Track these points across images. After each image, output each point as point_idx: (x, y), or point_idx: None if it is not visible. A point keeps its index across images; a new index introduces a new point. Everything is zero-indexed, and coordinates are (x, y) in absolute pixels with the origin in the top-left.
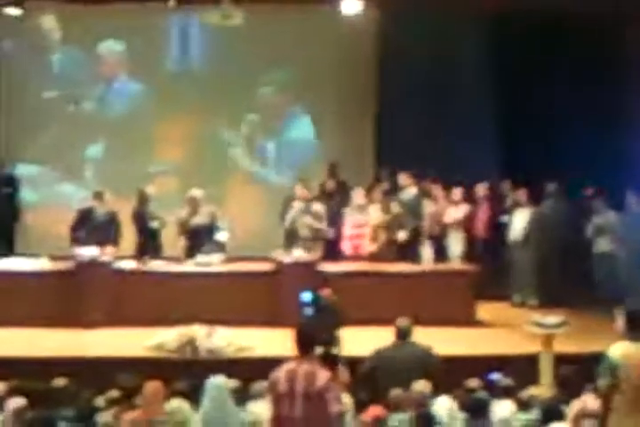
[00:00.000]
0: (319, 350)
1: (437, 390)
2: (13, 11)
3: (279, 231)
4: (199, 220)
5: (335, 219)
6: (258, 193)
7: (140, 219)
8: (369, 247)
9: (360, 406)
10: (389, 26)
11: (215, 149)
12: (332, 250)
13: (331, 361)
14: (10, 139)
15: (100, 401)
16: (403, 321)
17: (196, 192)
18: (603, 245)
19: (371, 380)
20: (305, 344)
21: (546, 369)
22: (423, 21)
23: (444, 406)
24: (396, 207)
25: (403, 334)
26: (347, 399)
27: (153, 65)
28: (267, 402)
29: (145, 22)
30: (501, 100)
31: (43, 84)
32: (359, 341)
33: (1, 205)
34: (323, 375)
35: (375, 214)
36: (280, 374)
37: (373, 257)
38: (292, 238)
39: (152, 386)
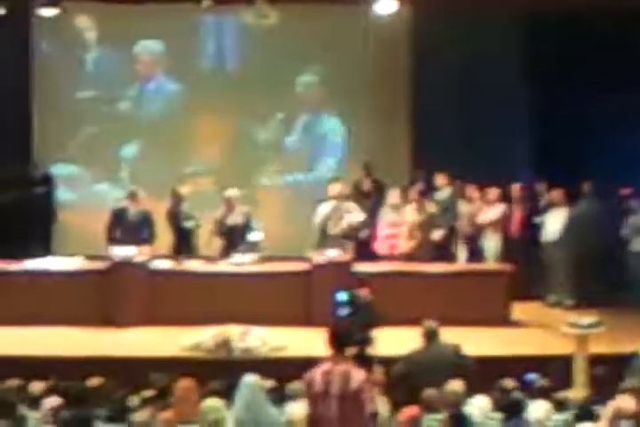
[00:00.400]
0: (354, 350)
1: (471, 390)
2: (49, 11)
3: (312, 231)
4: (234, 220)
5: (371, 218)
6: (290, 193)
7: (175, 218)
8: (404, 247)
9: (396, 407)
10: (422, 25)
11: (249, 148)
12: (365, 250)
13: (365, 361)
14: (45, 139)
15: (134, 401)
16: (429, 322)
17: (232, 192)
18: (639, 245)
19: (405, 383)
20: (339, 344)
21: (580, 370)
22: (456, 21)
23: (478, 405)
24: (431, 207)
25: (430, 336)
26: (382, 400)
27: (188, 64)
28: (302, 402)
29: (180, 22)
30: (535, 100)
31: (78, 83)
32: (394, 341)
33: (37, 205)
34: (358, 376)
35: (410, 214)
36: (316, 374)
37: (408, 257)
38: (324, 238)
39: (184, 385)
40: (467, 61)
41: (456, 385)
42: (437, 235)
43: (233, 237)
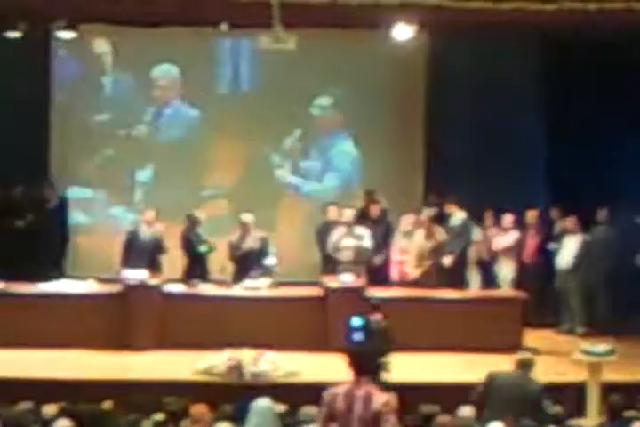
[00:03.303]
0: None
1: (536, 420)
2: (67, 34)
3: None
4: (249, 244)
5: (380, 245)
6: (305, 216)
7: (188, 242)
8: (412, 273)
9: None
10: (440, 51)
11: (265, 172)
12: (379, 275)
13: (381, 387)
14: (62, 161)
15: (146, 425)
16: (525, 353)
17: (247, 217)
18: None
19: (481, 404)
20: (360, 366)
21: (594, 397)
22: (472, 46)
23: None
24: (441, 234)
25: (523, 366)
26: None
27: (204, 89)
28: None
29: (197, 46)
30: (551, 126)
31: (95, 107)
32: (407, 367)
33: (51, 227)
34: (380, 399)
35: (419, 240)
36: (338, 392)
37: (416, 283)
38: (330, 264)
39: (198, 409)
40: (482, 87)
41: (467, 411)
42: (448, 260)
43: (247, 262)
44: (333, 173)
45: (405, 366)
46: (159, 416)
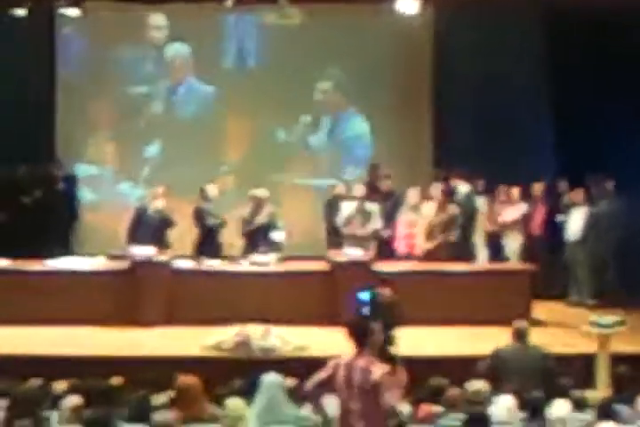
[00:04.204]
0: (376, 348)
1: (551, 394)
2: (72, 11)
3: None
4: (260, 220)
5: (389, 219)
6: (312, 193)
7: (200, 216)
8: (424, 245)
9: (416, 405)
10: (446, 25)
11: (272, 148)
12: (386, 249)
13: (388, 361)
14: (68, 138)
15: (156, 400)
16: (520, 323)
17: (260, 192)
18: None
19: (489, 379)
20: (360, 337)
21: (602, 369)
22: (478, 21)
23: (504, 405)
24: (453, 208)
25: (520, 336)
26: (404, 398)
27: (210, 65)
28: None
29: (202, 22)
30: (557, 100)
31: (101, 83)
32: (415, 340)
33: (59, 204)
34: (378, 370)
35: (431, 213)
36: (341, 362)
37: (426, 256)
38: (337, 237)
39: (185, 382)
40: (488, 61)
41: (480, 384)
42: (454, 234)
43: (256, 237)
44: (342, 149)
45: (414, 340)
46: (170, 393)
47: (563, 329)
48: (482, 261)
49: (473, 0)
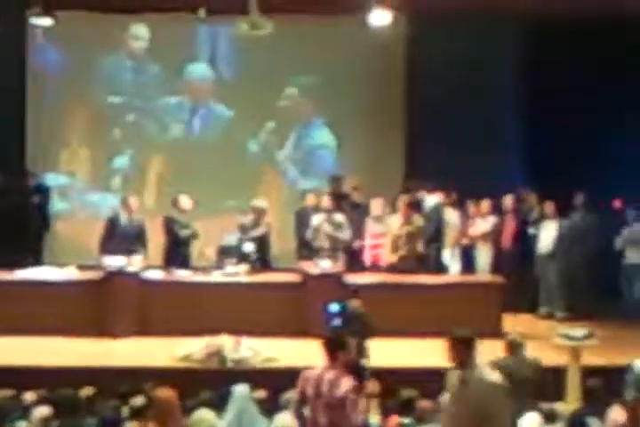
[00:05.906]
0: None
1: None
2: (44, 21)
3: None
4: (260, 231)
5: (358, 230)
6: (282, 204)
7: (169, 226)
8: (389, 258)
9: (386, 416)
10: (419, 36)
11: (241, 158)
12: (355, 261)
13: (359, 372)
14: (39, 148)
15: (125, 411)
16: (513, 335)
17: (261, 203)
18: (633, 256)
19: None
20: (332, 350)
21: (573, 382)
22: (452, 33)
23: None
24: (419, 220)
25: (514, 348)
26: (374, 410)
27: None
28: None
29: (174, 31)
30: (530, 113)
31: (71, 92)
32: (386, 352)
33: (30, 214)
34: (345, 383)
35: (396, 225)
36: (309, 376)
37: (392, 268)
38: (307, 249)
39: (164, 395)
40: (461, 72)
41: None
42: (420, 245)
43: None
44: (311, 161)
45: (385, 352)
46: (137, 400)
47: (533, 342)
48: (454, 273)
49: (446, 11)
